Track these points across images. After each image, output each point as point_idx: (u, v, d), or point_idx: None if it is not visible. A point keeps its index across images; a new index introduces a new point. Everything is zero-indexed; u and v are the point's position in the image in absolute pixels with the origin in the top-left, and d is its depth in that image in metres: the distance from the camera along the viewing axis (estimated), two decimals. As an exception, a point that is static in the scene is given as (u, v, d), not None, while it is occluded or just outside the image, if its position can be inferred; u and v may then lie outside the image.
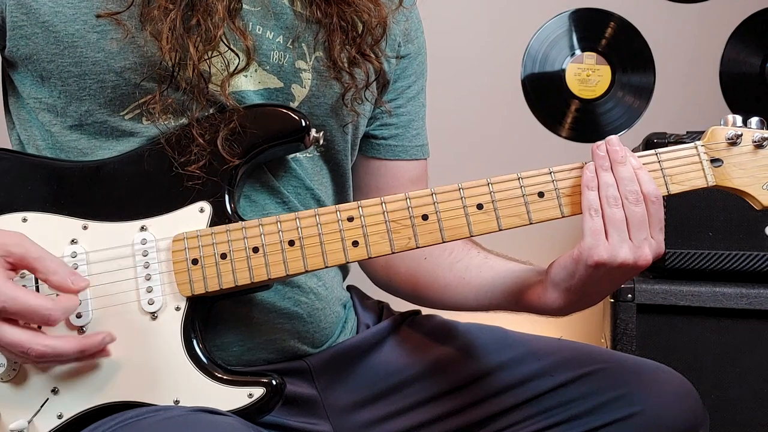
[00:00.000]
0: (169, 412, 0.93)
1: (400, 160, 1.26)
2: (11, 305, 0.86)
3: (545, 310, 1.06)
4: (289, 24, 1.08)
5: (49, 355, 0.88)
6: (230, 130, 1.00)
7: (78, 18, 1.00)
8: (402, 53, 1.23)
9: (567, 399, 1.12)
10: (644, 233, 0.96)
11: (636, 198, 0.96)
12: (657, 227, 0.97)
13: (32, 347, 0.87)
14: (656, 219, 0.97)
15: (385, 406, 1.15)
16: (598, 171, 0.98)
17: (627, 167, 0.97)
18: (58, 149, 1.04)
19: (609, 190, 0.96)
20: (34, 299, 0.87)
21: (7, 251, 0.88)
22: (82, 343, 0.91)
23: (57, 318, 0.88)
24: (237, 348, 1.05)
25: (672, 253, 1.74)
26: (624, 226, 0.95)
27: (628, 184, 0.96)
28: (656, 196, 0.97)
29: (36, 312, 0.87)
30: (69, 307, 0.90)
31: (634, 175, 0.97)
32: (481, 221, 0.98)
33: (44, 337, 0.89)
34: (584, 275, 0.97)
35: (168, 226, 0.99)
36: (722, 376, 1.69)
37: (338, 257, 0.97)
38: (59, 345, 0.89)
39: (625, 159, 0.97)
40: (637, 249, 0.95)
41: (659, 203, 0.97)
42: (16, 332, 0.87)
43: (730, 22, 2.30)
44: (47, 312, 0.87)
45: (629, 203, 0.96)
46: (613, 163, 0.97)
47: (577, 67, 2.32)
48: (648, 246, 0.96)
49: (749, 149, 1.00)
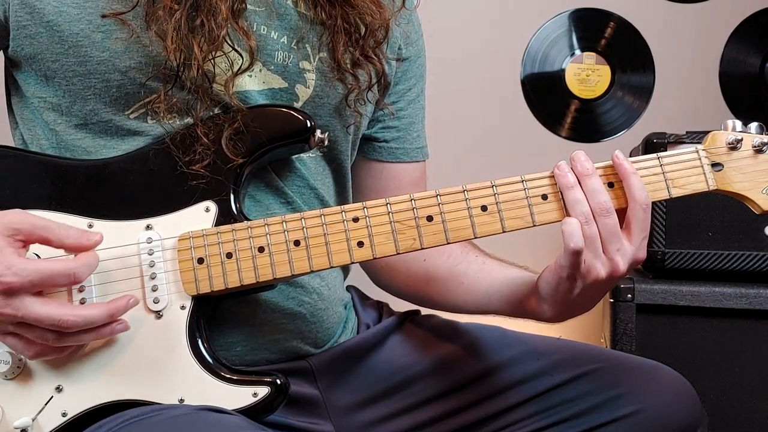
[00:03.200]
0: (173, 410, 0.93)
1: (401, 162, 1.27)
2: (37, 277, 0.86)
3: (541, 319, 1.07)
4: (293, 25, 1.08)
5: (80, 324, 0.89)
6: (234, 130, 1.01)
7: (83, 18, 1.00)
8: (403, 56, 1.24)
9: (566, 398, 1.12)
10: (617, 244, 0.96)
11: (605, 209, 0.95)
12: (641, 235, 0.97)
13: (64, 318, 0.87)
14: (642, 227, 0.97)
15: (386, 406, 1.15)
16: (564, 192, 0.97)
17: (594, 179, 0.97)
18: (62, 148, 1.04)
19: (580, 207, 0.96)
20: (55, 264, 0.88)
21: (15, 229, 0.88)
22: (110, 307, 0.91)
23: (83, 274, 0.89)
24: (240, 348, 1.06)
25: (672, 253, 1.74)
26: (597, 242, 0.95)
27: (596, 196, 0.96)
28: (646, 203, 0.97)
29: (62, 274, 0.88)
30: (91, 263, 0.91)
31: (602, 186, 0.97)
32: (485, 223, 0.98)
33: (73, 307, 0.90)
34: (566, 289, 0.99)
35: (173, 226, 0.99)
36: (722, 376, 1.70)
37: (343, 257, 0.98)
38: (89, 312, 0.90)
39: (592, 171, 0.97)
40: (609, 262, 0.96)
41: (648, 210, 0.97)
42: (46, 306, 0.87)
43: (730, 22, 2.30)
44: (71, 271, 0.88)
45: (599, 216, 0.95)
46: (580, 176, 0.97)
47: (576, 67, 2.32)
48: (621, 257, 0.96)
49: (749, 154, 1.01)
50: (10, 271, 0.85)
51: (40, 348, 0.91)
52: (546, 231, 1.04)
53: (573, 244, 0.95)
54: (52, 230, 0.90)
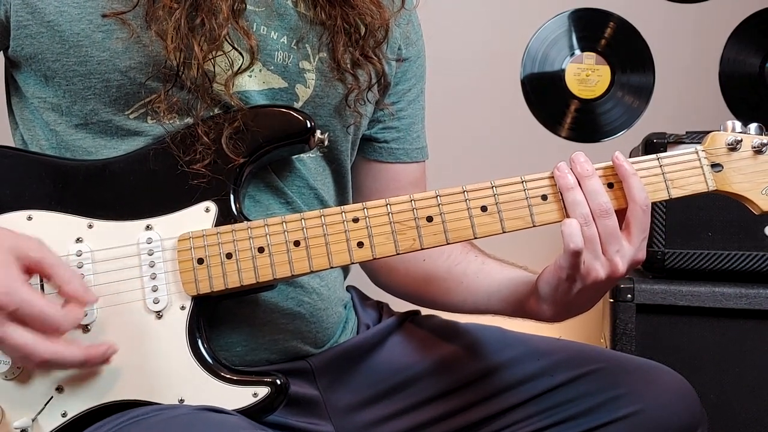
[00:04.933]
0: (173, 410, 0.93)
1: (401, 163, 1.27)
2: (26, 308, 0.85)
3: (541, 319, 1.07)
4: (293, 25, 1.08)
5: (52, 362, 0.88)
6: (235, 129, 1.01)
7: (83, 17, 1.00)
8: (403, 56, 1.24)
9: (566, 399, 1.12)
10: (616, 245, 0.96)
11: (605, 210, 0.96)
12: (641, 236, 0.97)
13: (37, 352, 0.86)
14: (641, 228, 0.97)
15: (387, 406, 1.15)
16: (564, 193, 0.98)
17: (593, 180, 0.97)
18: (63, 148, 1.04)
19: (580, 209, 0.96)
20: (48, 307, 0.87)
21: (26, 255, 0.88)
22: (85, 353, 0.90)
23: (65, 329, 0.88)
24: (240, 348, 1.06)
25: (672, 253, 1.74)
26: (597, 243, 0.96)
27: (596, 197, 0.97)
28: (646, 204, 0.97)
29: (48, 320, 0.87)
30: (77, 320, 0.90)
31: (602, 188, 0.97)
32: (485, 223, 0.98)
33: (50, 344, 0.88)
34: (565, 289, 0.99)
35: (173, 226, 0.99)
36: (722, 376, 1.69)
37: (343, 258, 0.98)
38: (64, 353, 0.88)
39: (592, 172, 0.98)
40: (609, 263, 0.96)
41: (648, 211, 0.97)
42: (24, 335, 0.86)
43: (730, 22, 2.30)
44: (58, 323, 0.87)
45: (599, 217, 0.96)
46: (580, 178, 0.98)
47: (576, 67, 2.32)
48: (620, 258, 0.96)
49: (749, 154, 1.01)
50: (4, 290, 0.84)
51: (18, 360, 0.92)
52: (546, 231, 1.04)
53: (573, 245, 0.95)
54: (58, 269, 0.90)
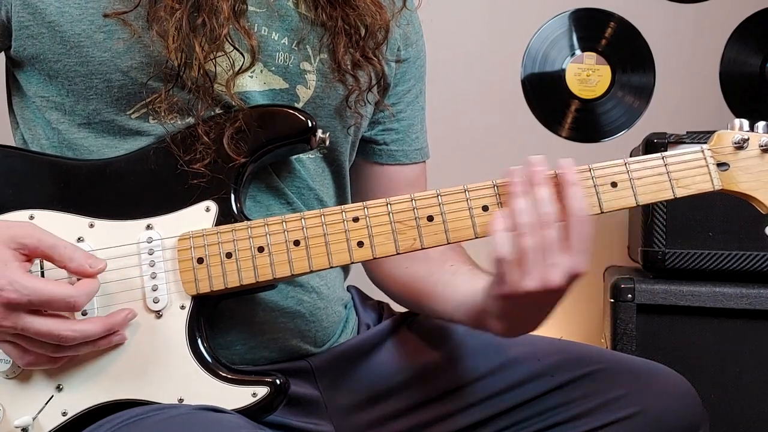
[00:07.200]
0: (173, 410, 0.93)
1: (400, 164, 1.26)
2: (36, 297, 0.87)
3: (495, 333, 1.02)
4: (294, 26, 1.08)
5: (78, 339, 0.90)
6: (236, 129, 1.01)
7: (84, 18, 1.01)
8: (402, 57, 1.24)
9: (567, 399, 1.12)
10: (552, 258, 0.91)
11: (545, 221, 0.91)
12: (580, 248, 0.92)
13: (62, 333, 0.88)
14: (579, 239, 0.92)
15: (387, 406, 1.15)
16: (511, 198, 0.94)
17: (542, 188, 0.93)
18: (65, 147, 1.05)
19: (519, 217, 0.92)
20: (56, 288, 0.89)
21: (21, 244, 0.89)
22: (107, 321, 0.93)
23: (81, 303, 0.90)
24: (240, 347, 1.06)
25: (672, 253, 1.74)
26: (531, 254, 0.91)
27: (540, 206, 0.92)
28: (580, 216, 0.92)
29: (61, 300, 0.88)
30: (91, 291, 0.91)
31: (549, 197, 0.92)
32: (486, 223, 0.98)
33: (72, 323, 0.91)
34: (504, 306, 0.96)
35: (174, 225, 0.99)
36: (722, 376, 1.70)
37: (343, 257, 0.98)
38: (87, 328, 0.91)
39: (541, 180, 0.93)
40: (542, 275, 0.90)
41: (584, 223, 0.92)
42: (45, 321, 0.88)
43: (730, 22, 2.30)
44: (71, 299, 0.89)
45: (541, 227, 0.91)
46: (530, 184, 0.93)
47: (577, 67, 2.32)
48: (556, 269, 0.90)
49: (756, 153, 0.99)
50: (12, 287, 0.86)
51: (34, 358, 0.92)
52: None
53: (496, 254, 0.92)
54: (58, 249, 0.91)
